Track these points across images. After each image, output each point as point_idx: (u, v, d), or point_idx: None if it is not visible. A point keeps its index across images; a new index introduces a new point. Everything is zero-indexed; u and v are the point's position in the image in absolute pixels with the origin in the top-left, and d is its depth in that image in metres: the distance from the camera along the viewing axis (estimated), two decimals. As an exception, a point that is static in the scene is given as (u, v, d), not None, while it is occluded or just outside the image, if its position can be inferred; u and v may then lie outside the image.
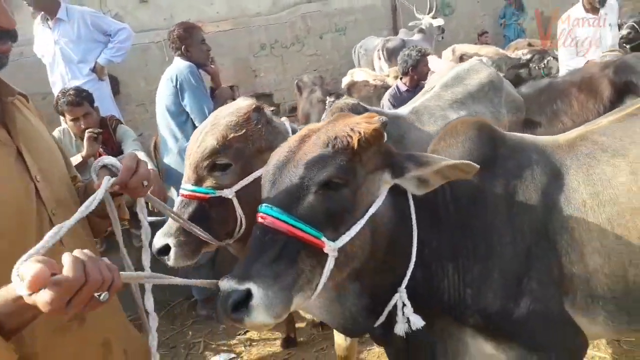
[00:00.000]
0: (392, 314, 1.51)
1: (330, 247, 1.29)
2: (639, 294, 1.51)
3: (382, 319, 1.51)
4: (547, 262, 1.50)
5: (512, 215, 1.52)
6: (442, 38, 9.83)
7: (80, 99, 3.67)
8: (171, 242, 1.76)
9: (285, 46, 10.56)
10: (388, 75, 7.13)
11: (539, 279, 1.49)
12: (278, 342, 3.47)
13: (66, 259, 0.92)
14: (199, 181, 1.80)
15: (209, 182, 1.80)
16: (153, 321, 1.39)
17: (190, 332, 3.87)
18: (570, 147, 1.64)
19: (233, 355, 3.47)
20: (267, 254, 1.25)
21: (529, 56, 5.63)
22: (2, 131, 1.21)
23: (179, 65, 3.71)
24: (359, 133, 1.35)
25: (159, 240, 1.77)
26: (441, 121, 2.38)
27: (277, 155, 1.46)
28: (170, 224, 1.78)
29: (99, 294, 0.98)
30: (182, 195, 1.81)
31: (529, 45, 8.34)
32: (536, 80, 4.92)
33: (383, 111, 2.64)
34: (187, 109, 3.63)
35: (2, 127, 1.22)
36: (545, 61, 5.19)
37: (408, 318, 1.47)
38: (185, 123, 3.70)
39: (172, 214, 1.65)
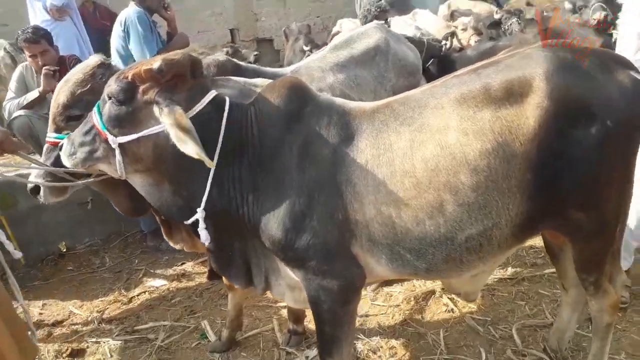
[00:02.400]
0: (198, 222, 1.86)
1: (110, 139, 1.79)
2: (406, 243, 1.75)
3: (190, 221, 1.87)
4: (330, 207, 1.76)
5: (303, 165, 1.77)
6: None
7: (38, 37, 3.93)
8: (40, 182, 2.13)
9: (289, -10, 10.48)
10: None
11: (320, 219, 1.76)
12: (205, 275, 3.84)
13: None
14: (58, 130, 2.13)
15: (68, 130, 2.09)
16: None
17: (136, 260, 4.28)
18: (371, 113, 1.84)
19: (165, 283, 3.86)
20: (83, 129, 1.88)
21: (498, 16, 5.67)
22: None
23: (129, 10, 3.91)
24: (137, 70, 1.74)
25: (31, 181, 2.11)
26: (317, 82, 2.56)
27: None
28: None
29: None
30: (47, 142, 2.15)
31: (527, 4, 8.15)
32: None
33: (262, 69, 2.82)
34: (132, 52, 3.86)
35: None
36: (510, 22, 5.23)
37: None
38: (131, 66, 3.94)
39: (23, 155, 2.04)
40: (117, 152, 1.79)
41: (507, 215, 1.70)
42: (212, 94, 1.81)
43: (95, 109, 1.84)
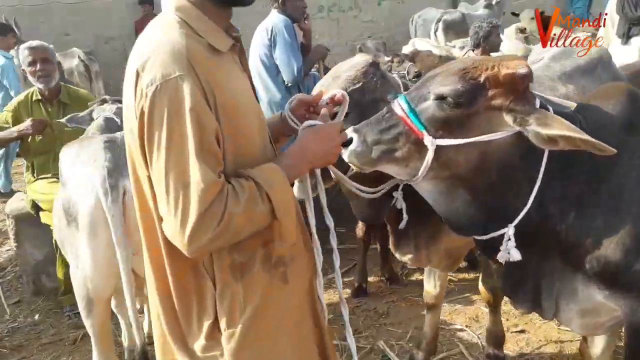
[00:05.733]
0: (497, 238, 1.70)
1: (428, 140, 1.60)
2: None
3: (485, 237, 1.72)
4: None
5: None
6: (504, 14, 9.63)
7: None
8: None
9: (343, 10, 10.51)
10: (454, 47, 7.04)
11: None
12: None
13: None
14: None
15: None
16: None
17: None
18: None
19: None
20: (379, 125, 1.68)
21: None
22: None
23: (274, 19, 3.82)
24: (492, 72, 1.56)
25: None
26: (549, 91, 2.45)
27: (438, 68, 1.77)
28: None
29: None
30: None
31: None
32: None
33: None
34: (277, 62, 3.76)
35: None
36: None
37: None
38: (277, 75, 3.82)
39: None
40: (431, 154, 1.63)
41: None
42: (537, 103, 1.66)
43: (404, 104, 1.67)
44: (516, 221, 1.67)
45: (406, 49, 7.85)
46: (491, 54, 5.47)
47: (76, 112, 3.84)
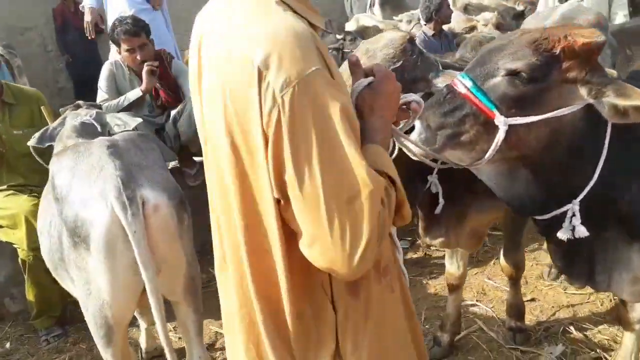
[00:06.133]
0: (559, 216, 1.65)
1: (500, 120, 1.50)
2: None
3: (546, 216, 1.67)
4: None
5: None
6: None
7: (138, 28, 3.49)
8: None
9: (274, -14, 10.17)
10: (400, 21, 7.01)
11: None
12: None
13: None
14: None
15: None
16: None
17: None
18: None
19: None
20: (441, 108, 1.57)
21: (522, 7, 5.83)
22: None
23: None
24: (567, 42, 1.48)
25: None
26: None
27: (495, 40, 1.66)
28: None
29: None
30: None
31: (536, -6, 8.45)
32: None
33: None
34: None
35: None
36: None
37: (574, 226, 1.64)
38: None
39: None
40: (502, 135, 1.53)
41: None
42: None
43: (469, 83, 1.55)
44: (581, 196, 1.63)
45: (349, 26, 7.73)
46: (443, 26, 5.52)
47: (24, 114, 3.44)
